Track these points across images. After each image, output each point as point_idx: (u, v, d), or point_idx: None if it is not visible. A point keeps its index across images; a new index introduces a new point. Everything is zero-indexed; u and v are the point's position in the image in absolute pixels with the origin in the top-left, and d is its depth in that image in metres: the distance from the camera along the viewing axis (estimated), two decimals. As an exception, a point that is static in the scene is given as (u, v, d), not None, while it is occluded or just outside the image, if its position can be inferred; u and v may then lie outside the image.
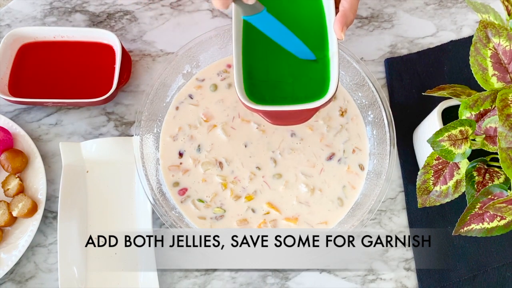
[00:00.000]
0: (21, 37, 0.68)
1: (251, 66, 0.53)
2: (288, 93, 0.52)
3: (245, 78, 0.52)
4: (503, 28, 0.49)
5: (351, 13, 0.52)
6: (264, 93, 0.52)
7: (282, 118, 0.55)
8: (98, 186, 0.65)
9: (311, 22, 0.55)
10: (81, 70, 0.68)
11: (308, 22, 0.55)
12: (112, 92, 0.64)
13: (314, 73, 0.53)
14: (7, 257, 0.62)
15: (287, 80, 0.53)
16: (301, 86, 0.53)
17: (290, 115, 0.52)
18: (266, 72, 0.53)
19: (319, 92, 0.52)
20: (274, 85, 0.52)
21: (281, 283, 0.64)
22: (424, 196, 0.56)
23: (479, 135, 0.51)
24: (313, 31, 0.54)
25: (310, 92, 0.52)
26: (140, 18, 0.73)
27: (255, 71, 0.53)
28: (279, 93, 0.52)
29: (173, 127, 0.65)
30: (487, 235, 0.51)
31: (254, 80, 0.52)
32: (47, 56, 0.68)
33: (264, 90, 0.52)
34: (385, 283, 0.64)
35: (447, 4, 0.75)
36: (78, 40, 0.69)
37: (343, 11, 0.52)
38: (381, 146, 0.63)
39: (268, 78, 0.53)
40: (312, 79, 0.53)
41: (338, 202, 0.63)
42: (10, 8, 0.73)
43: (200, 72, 0.67)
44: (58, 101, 0.65)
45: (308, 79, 0.53)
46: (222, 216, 0.63)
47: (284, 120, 0.56)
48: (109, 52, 0.68)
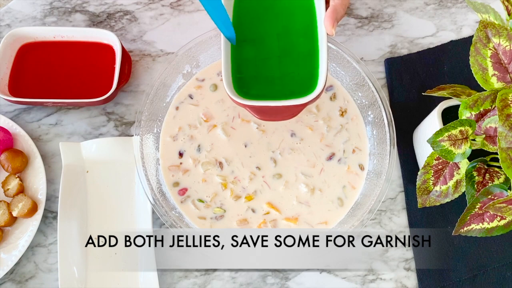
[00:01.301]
0: (21, 37, 0.68)
1: (240, 61, 0.53)
2: (277, 88, 0.52)
3: (234, 73, 0.52)
4: (503, 28, 0.49)
5: (341, 8, 0.52)
6: (252, 88, 0.52)
7: (269, 114, 0.54)
8: (98, 186, 0.65)
9: (301, 17, 0.54)
10: (81, 70, 0.68)
11: (298, 17, 0.54)
12: (112, 92, 0.64)
13: (303, 68, 0.53)
14: (7, 257, 0.62)
15: (276, 75, 0.53)
16: (289, 82, 0.52)
17: (277, 110, 0.52)
18: (255, 67, 0.53)
19: (308, 88, 0.52)
20: (262, 80, 0.52)
21: (281, 283, 0.64)
22: (424, 196, 0.56)
23: (479, 135, 0.51)
24: (302, 26, 0.54)
25: (298, 88, 0.52)
26: (140, 18, 0.73)
27: (244, 65, 0.53)
28: (268, 88, 0.52)
29: (173, 127, 0.65)
30: (487, 235, 0.51)
31: (242, 74, 0.52)
32: (47, 56, 0.68)
33: (253, 85, 0.52)
34: (385, 283, 0.64)
35: (447, 4, 0.75)
36: (78, 40, 0.69)
37: (333, 6, 0.52)
38: (381, 146, 0.63)
39: (257, 73, 0.53)
40: (301, 75, 0.52)
41: (338, 202, 0.63)
42: (10, 8, 0.73)
43: (200, 72, 0.67)
44: (58, 101, 0.65)
45: (297, 74, 0.53)
46: (222, 216, 0.63)
47: (272, 116, 0.55)
48: (109, 52, 0.68)
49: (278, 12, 0.54)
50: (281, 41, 0.54)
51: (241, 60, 0.53)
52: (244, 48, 0.53)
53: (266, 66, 0.53)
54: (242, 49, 0.53)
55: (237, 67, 0.52)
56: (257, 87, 0.52)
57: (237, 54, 0.53)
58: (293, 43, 0.54)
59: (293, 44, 0.53)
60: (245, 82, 0.52)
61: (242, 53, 0.53)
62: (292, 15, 0.54)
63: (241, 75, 0.52)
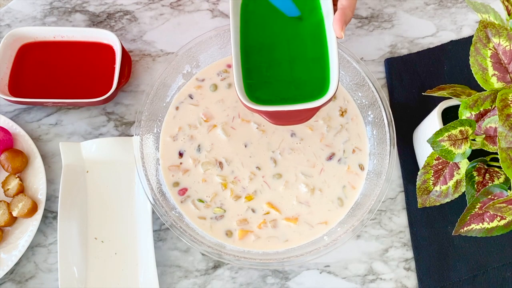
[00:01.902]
0: (21, 37, 0.68)
1: (250, 66, 0.53)
2: (288, 92, 0.52)
3: (245, 78, 0.52)
4: (503, 28, 0.49)
5: (349, 11, 0.52)
6: (264, 93, 0.52)
7: (282, 118, 0.55)
8: (98, 186, 0.65)
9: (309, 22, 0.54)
10: (81, 70, 0.68)
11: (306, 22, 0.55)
12: (112, 92, 0.64)
13: (314, 72, 0.53)
14: (7, 257, 0.62)
15: (288, 79, 0.53)
16: (301, 86, 0.53)
17: (290, 115, 0.52)
18: (266, 72, 0.53)
19: (320, 91, 0.52)
20: (274, 85, 0.52)
21: (281, 283, 0.64)
22: (424, 196, 0.56)
23: (479, 135, 0.51)
24: (311, 31, 0.54)
25: (310, 92, 0.52)
26: (140, 18, 0.73)
27: (255, 71, 0.53)
28: (279, 93, 0.52)
29: (173, 127, 0.65)
30: (487, 235, 0.51)
31: (253, 80, 0.52)
32: (47, 56, 0.68)
33: (264, 90, 0.52)
34: (385, 283, 0.64)
35: (447, 4, 0.75)
36: (78, 40, 0.69)
37: (341, 10, 0.51)
38: (381, 146, 0.63)
39: (268, 79, 0.53)
40: (312, 79, 0.53)
41: (338, 202, 0.63)
42: (10, 8, 0.73)
43: (200, 72, 0.67)
44: (58, 101, 0.65)
45: (308, 78, 0.53)
46: (222, 216, 0.63)
47: (285, 120, 0.56)
48: (109, 52, 0.68)
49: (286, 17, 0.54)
50: (291, 46, 0.53)
51: (251, 66, 0.53)
52: (253, 54, 0.53)
53: (277, 71, 0.53)
54: (252, 55, 0.53)
55: (247, 73, 0.52)
56: (269, 92, 0.52)
57: (247, 60, 0.53)
58: (303, 48, 0.53)
59: (303, 48, 0.53)
60: (256, 88, 0.52)
61: (252, 59, 0.53)
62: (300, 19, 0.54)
63: (251, 80, 0.52)
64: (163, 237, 0.65)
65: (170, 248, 0.65)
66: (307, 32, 0.54)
